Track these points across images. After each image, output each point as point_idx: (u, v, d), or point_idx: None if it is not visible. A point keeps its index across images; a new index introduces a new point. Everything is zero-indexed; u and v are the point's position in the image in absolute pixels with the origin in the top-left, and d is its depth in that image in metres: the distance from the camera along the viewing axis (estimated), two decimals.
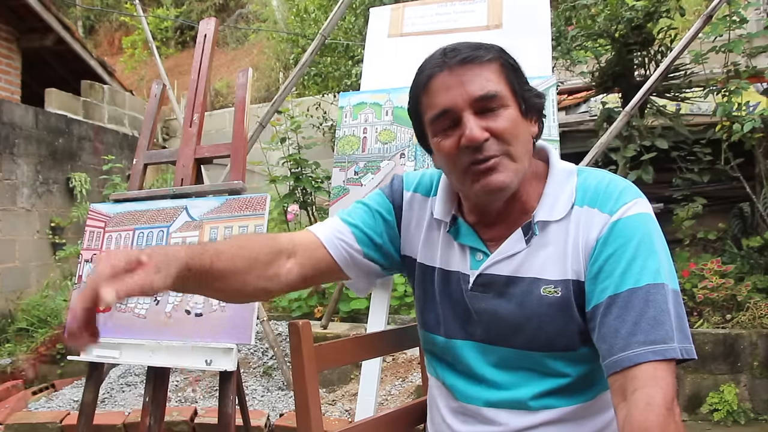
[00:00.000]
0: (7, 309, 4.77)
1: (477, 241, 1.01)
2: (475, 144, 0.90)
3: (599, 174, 0.98)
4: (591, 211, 0.93)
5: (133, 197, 2.04)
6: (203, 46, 2.17)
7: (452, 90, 0.91)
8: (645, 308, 0.85)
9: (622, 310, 0.85)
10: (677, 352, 0.84)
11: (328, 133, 6.23)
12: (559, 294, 0.93)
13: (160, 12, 11.55)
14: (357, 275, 1.09)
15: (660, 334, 0.83)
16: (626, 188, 0.94)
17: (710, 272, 3.42)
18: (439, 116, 0.93)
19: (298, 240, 1.03)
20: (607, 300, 0.87)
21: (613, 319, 0.86)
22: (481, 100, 0.91)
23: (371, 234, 1.07)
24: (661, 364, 0.83)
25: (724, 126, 3.79)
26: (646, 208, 0.92)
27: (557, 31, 4.48)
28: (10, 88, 5.93)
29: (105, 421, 2.81)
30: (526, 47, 2.09)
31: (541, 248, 0.95)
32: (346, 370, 3.26)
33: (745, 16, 3.78)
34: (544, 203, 0.96)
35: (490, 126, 0.91)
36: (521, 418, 0.96)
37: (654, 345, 0.83)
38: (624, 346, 0.84)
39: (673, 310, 0.86)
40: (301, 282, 1.03)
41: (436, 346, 1.07)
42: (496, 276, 0.98)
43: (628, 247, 0.88)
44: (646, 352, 0.82)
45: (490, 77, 0.92)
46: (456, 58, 0.92)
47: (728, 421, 3.03)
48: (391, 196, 1.11)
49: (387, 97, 2.19)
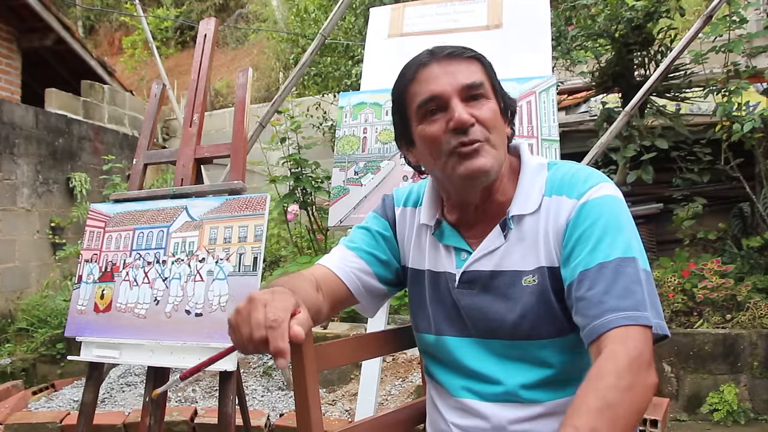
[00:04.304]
0: (7, 309, 4.77)
1: (460, 240, 1.06)
2: (463, 126, 0.95)
3: (568, 165, 1.03)
4: (559, 199, 0.98)
5: (133, 197, 2.04)
6: (203, 46, 2.17)
7: (441, 78, 0.98)
8: (615, 278, 0.87)
9: (593, 282, 0.88)
10: (649, 320, 0.85)
11: (328, 133, 6.23)
12: (536, 282, 0.97)
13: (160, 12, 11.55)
14: (367, 300, 1.14)
15: (631, 302, 0.85)
16: (592, 174, 0.99)
17: (710, 272, 3.42)
18: (428, 101, 0.98)
19: (318, 276, 1.08)
20: (579, 276, 0.90)
21: (585, 292, 0.89)
22: (469, 88, 0.97)
23: (377, 253, 1.14)
24: (633, 328, 0.83)
25: (724, 126, 3.79)
26: (612, 190, 0.97)
27: (557, 31, 4.48)
28: (10, 88, 5.93)
29: (105, 421, 2.80)
30: (526, 47, 2.09)
31: (518, 241, 1.00)
32: (346, 370, 3.26)
33: (745, 16, 3.78)
34: (518, 198, 1.01)
35: (474, 113, 0.97)
36: (514, 411, 0.99)
37: (626, 311, 0.84)
38: (597, 315, 0.86)
39: (645, 284, 0.88)
40: (330, 313, 1.09)
41: (428, 346, 1.11)
42: (479, 272, 1.02)
43: (596, 226, 0.92)
44: (618, 318, 0.84)
45: (475, 70, 1.00)
46: (443, 53, 0.99)
47: (728, 421, 3.03)
48: (384, 214, 1.18)
49: (387, 97, 2.17)
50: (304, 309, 0.83)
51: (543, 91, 1.98)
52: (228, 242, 1.81)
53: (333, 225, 2.15)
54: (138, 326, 1.84)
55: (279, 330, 0.76)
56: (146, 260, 1.91)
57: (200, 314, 1.76)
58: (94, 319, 1.92)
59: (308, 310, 0.97)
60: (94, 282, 1.97)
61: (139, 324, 1.84)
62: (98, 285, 1.96)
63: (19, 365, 3.97)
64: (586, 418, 0.75)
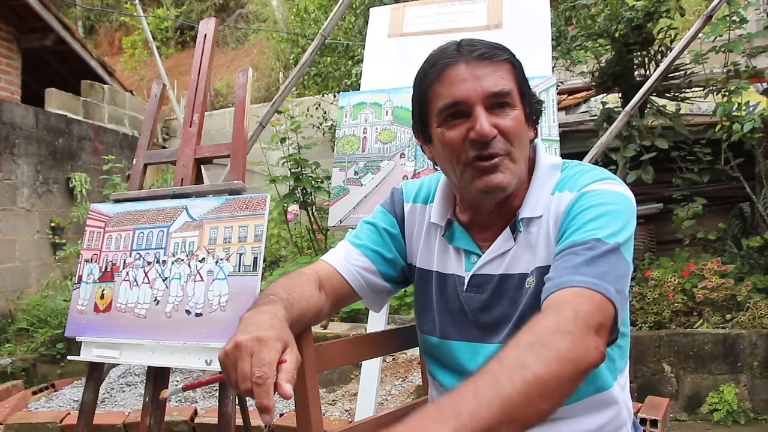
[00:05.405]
0: (7, 309, 4.77)
1: (471, 243, 1.03)
2: (484, 139, 0.91)
3: (580, 166, 1.01)
4: (561, 194, 0.96)
5: (133, 197, 2.04)
6: (203, 46, 2.17)
7: (467, 83, 0.92)
8: (585, 253, 0.84)
9: (566, 254, 0.86)
10: (610, 292, 0.80)
11: (328, 133, 6.23)
12: (534, 283, 0.95)
13: (160, 12, 11.55)
14: (371, 297, 1.12)
15: (593, 271, 0.81)
16: (602, 171, 0.97)
17: (710, 272, 3.42)
18: (450, 106, 0.93)
19: (321, 273, 1.06)
20: (557, 252, 0.88)
21: (556, 263, 0.86)
22: (494, 96, 0.92)
23: (382, 251, 1.11)
24: (588, 291, 0.79)
25: (724, 126, 3.79)
26: (622, 188, 0.94)
27: (557, 31, 4.48)
28: (10, 88, 5.93)
29: (105, 421, 2.81)
30: (526, 47, 2.09)
31: (527, 244, 0.98)
32: (346, 370, 3.26)
33: (745, 16, 3.79)
34: (529, 200, 0.99)
35: (498, 123, 0.92)
36: None
37: (583, 276, 0.81)
38: (555, 277, 0.83)
39: (617, 268, 0.84)
40: (331, 311, 1.08)
41: (431, 348, 1.09)
42: (488, 276, 1.00)
43: (588, 212, 0.89)
44: (572, 281, 0.81)
45: (504, 75, 0.94)
46: (473, 54, 0.93)
47: (728, 421, 3.03)
48: (392, 210, 1.14)
49: (387, 97, 2.19)
50: (291, 352, 0.80)
51: (543, 91, 1.98)
52: (228, 242, 1.81)
53: (333, 225, 2.15)
54: (138, 326, 1.84)
55: (264, 387, 0.74)
56: (146, 260, 1.91)
57: (200, 314, 1.76)
58: (94, 319, 1.92)
59: (308, 312, 0.96)
60: (94, 282, 1.97)
61: (139, 324, 1.84)
62: (98, 285, 1.96)
63: (19, 365, 3.98)
64: (515, 352, 0.70)
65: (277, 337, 0.80)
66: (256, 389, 0.75)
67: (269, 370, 0.76)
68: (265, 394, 0.74)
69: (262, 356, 0.76)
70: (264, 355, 0.77)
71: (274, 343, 0.79)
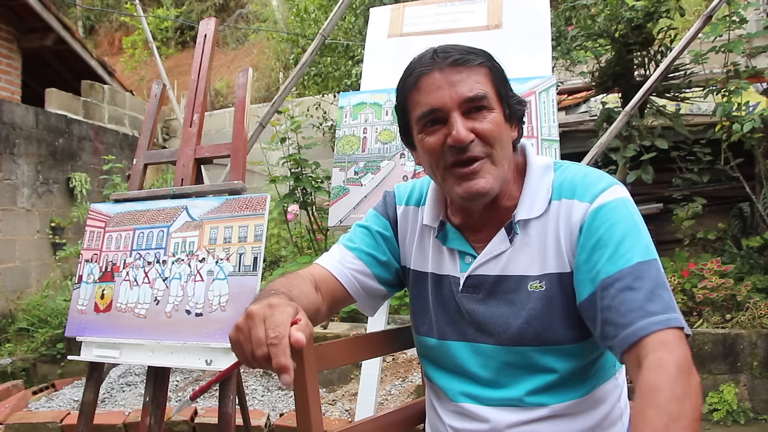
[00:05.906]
0: (7, 309, 4.77)
1: (464, 244, 1.04)
2: (460, 144, 0.93)
3: (575, 167, 1.01)
4: (570, 203, 0.95)
5: (133, 197, 2.05)
6: (203, 46, 2.17)
7: (442, 89, 0.94)
8: (641, 283, 0.85)
9: (618, 290, 0.86)
10: (681, 321, 0.83)
11: (328, 133, 6.23)
12: (543, 288, 0.95)
13: (160, 12, 11.55)
14: (365, 300, 1.13)
15: (660, 305, 0.83)
16: (602, 176, 0.97)
17: (710, 272, 3.42)
18: (427, 114, 0.96)
19: (316, 276, 1.07)
20: (601, 284, 0.88)
21: (610, 301, 0.86)
22: (470, 101, 0.94)
23: (376, 254, 1.12)
24: (668, 332, 0.81)
25: (724, 126, 3.79)
26: (623, 192, 0.95)
27: (557, 31, 4.48)
28: (10, 88, 5.93)
29: (105, 420, 2.81)
30: (526, 47, 2.09)
31: (524, 246, 0.98)
32: (346, 370, 3.26)
33: (744, 16, 3.78)
34: (524, 202, 0.99)
35: (476, 127, 0.94)
36: (515, 415, 0.97)
37: (656, 316, 0.82)
38: (627, 323, 0.83)
39: (665, 280, 0.87)
40: (328, 313, 1.08)
41: (429, 349, 1.09)
42: (484, 276, 1.00)
43: (613, 231, 0.89)
44: (650, 324, 0.82)
45: (479, 79, 0.95)
46: (447, 60, 0.94)
47: (728, 421, 3.03)
48: (385, 213, 1.16)
49: (387, 97, 2.19)
50: (303, 315, 0.82)
51: (543, 91, 1.98)
52: (228, 242, 1.81)
53: (333, 225, 2.15)
54: (138, 326, 1.84)
55: (280, 346, 0.75)
56: (146, 260, 1.91)
57: (200, 314, 1.76)
58: (94, 319, 1.92)
59: (307, 311, 0.96)
60: (95, 282, 1.97)
61: (139, 324, 1.84)
62: (98, 285, 1.96)
63: (20, 365, 3.98)
64: None
65: (287, 303, 0.82)
66: (272, 349, 0.75)
67: (284, 329, 0.76)
68: (282, 353, 0.75)
69: (275, 318, 0.78)
70: (277, 317, 0.78)
71: (285, 307, 0.80)
